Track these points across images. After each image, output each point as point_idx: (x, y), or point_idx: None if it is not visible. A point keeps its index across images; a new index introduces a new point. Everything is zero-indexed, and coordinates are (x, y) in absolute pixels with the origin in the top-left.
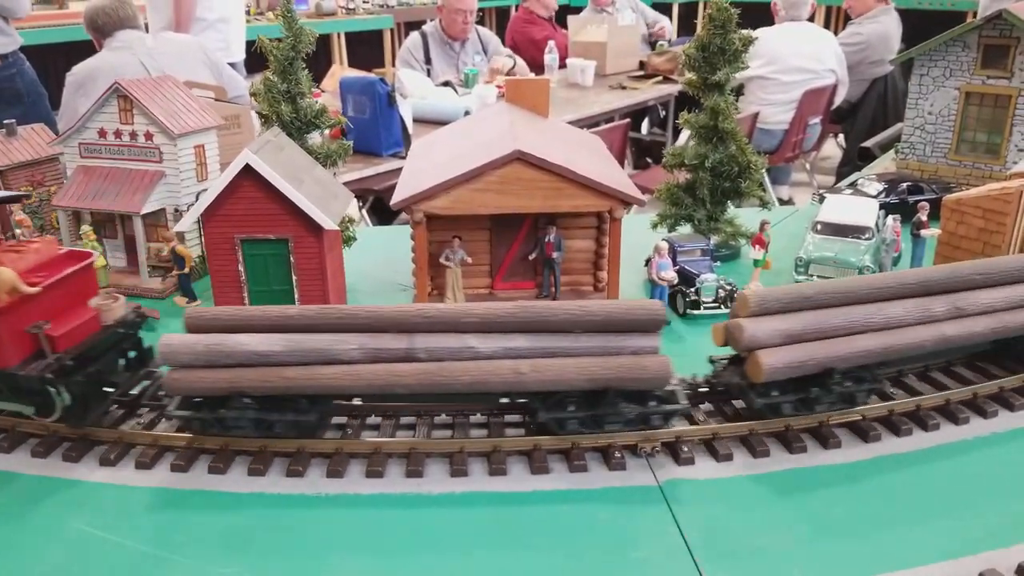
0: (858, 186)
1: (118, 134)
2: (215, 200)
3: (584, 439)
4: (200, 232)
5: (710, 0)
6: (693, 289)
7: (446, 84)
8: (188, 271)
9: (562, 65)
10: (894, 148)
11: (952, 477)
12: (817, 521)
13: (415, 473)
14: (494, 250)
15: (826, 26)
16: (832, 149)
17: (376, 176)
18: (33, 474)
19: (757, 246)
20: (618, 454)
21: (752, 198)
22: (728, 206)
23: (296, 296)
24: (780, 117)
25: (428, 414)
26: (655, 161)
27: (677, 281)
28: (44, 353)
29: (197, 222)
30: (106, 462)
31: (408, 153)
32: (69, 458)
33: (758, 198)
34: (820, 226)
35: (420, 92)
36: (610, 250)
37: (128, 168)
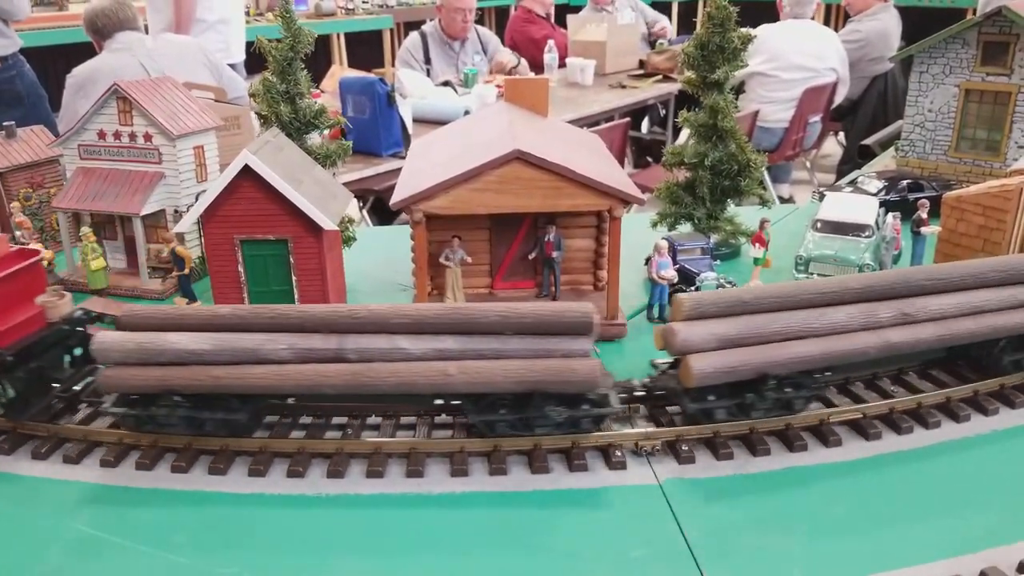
0: (858, 184)
1: (117, 135)
2: (214, 201)
3: (585, 439)
4: (200, 233)
5: None
6: (693, 288)
7: (446, 84)
8: (188, 272)
9: (562, 64)
10: (894, 146)
11: (953, 475)
12: (818, 520)
13: (415, 473)
14: (494, 250)
15: (825, 24)
16: (833, 147)
17: (376, 176)
18: (34, 475)
19: (757, 244)
20: (618, 453)
21: (752, 196)
22: (728, 204)
23: (296, 296)
24: (780, 115)
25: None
26: (655, 160)
27: (677, 280)
28: None
29: (197, 223)
30: (106, 463)
31: (407, 153)
32: (69, 460)
33: (758, 196)
34: (820, 224)
35: (420, 92)
36: (610, 249)
37: (128, 169)
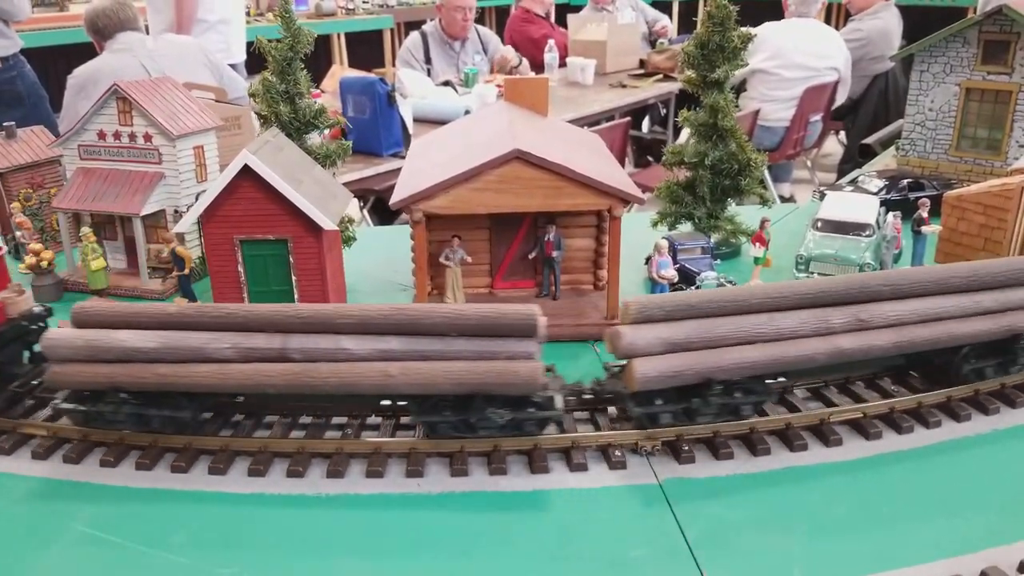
0: (859, 183)
1: (117, 136)
2: (214, 201)
3: (584, 438)
4: (200, 233)
5: None
6: (693, 287)
7: (446, 84)
8: (188, 272)
9: (562, 64)
10: (895, 145)
11: (954, 474)
12: (818, 519)
13: (415, 473)
14: (494, 249)
15: (826, 23)
16: (834, 146)
17: (376, 176)
18: (35, 475)
19: (757, 244)
20: (618, 453)
21: (752, 195)
22: (729, 204)
23: (296, 296)
24: (781, 114)
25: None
26: (656, 159)
27: (677, 279)
28: None
29: (196, 223)
30: (106, 463)
31: (407, 153)
32: (69, 460)
33: (758, 195)
34: (820, 223)
35: (420, 92)
36: (610, 249)
37: (128, 170)
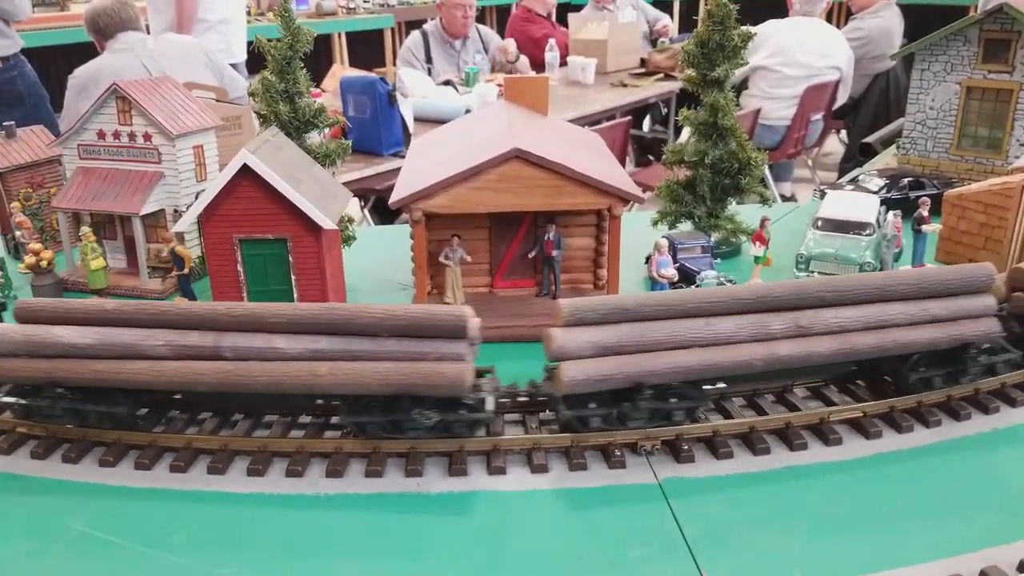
0: (859, 182)
1: (117, 135)
2: (213, 200)
3: (583, 439)
4: (199, 232)
5: None
6: (693, 286)
7: (447, 83)
8: (188, 272)
9: (563, 63)
10: (896, 143)
11: (953, 474)
12: (817, 519)
13: (414, 472)
14: (494, 249)
15: (827, 21)
16: (835, 145)
17: (377, 176)
18: (35, 475)
19: (757, 243)
20: (618, 452)
21: (753, 194)
22: (730, 203)
23: (295, 296)
24: (782, 113)
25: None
26: (657, 158)
27: (677, 278)
28: None
29: (196, 222)
30: (105, 463)
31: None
32: (68, 460)
33: (758, 194)
34: (821, 222)
35: (421, 91)
36: (610, 248)
37: (127, 169)
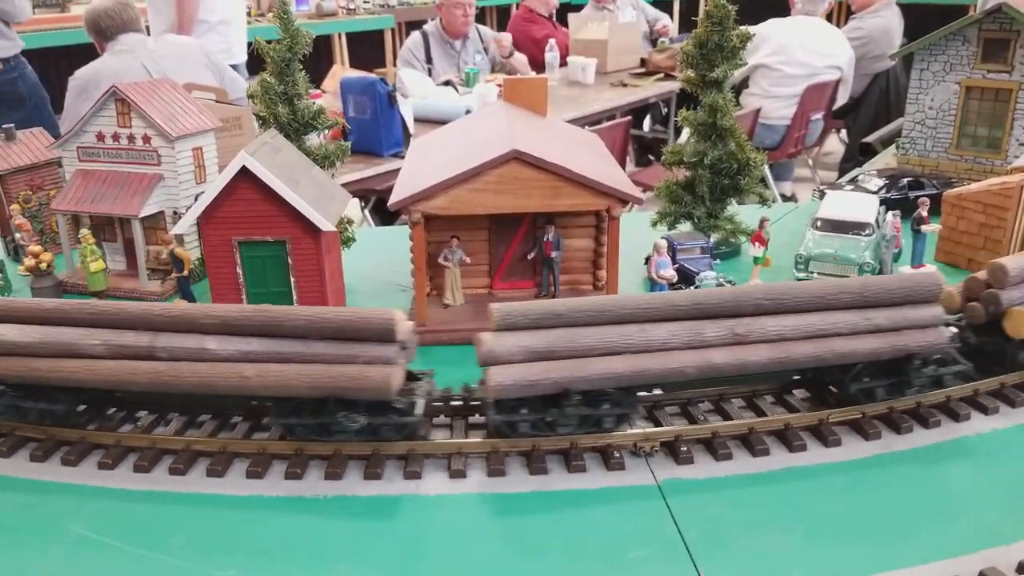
0: (859, 182)
1: (116, 137)
2: (212, 202)
3: (583, 439)
4: (199, 235)
5: None
6: (693, 287)
7: (447, 83)
8: (187, 274)
9: (563, 63)
10: (895, 143)
11: (952, 474)
12: (817, 520)
13: (413, 475)
14: (493, 250)
15: (827, 20)
16: (835, 145)
17: (377, 176)
18: (34, 478)
19: (757, 243)
20: (617, 454)
21: (752, 195)
22: (730, 203)
23: (295, 298)
24: (782, 112)
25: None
26: (657, 158)
27: (677, 279)
28: None
29: (195, 224)
30: (104, 466)
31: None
32: (67, 462)
33: (758, 195)
34: (820, 223)
35: (421, 92)
36: (609, 249)
37: (126, 171)
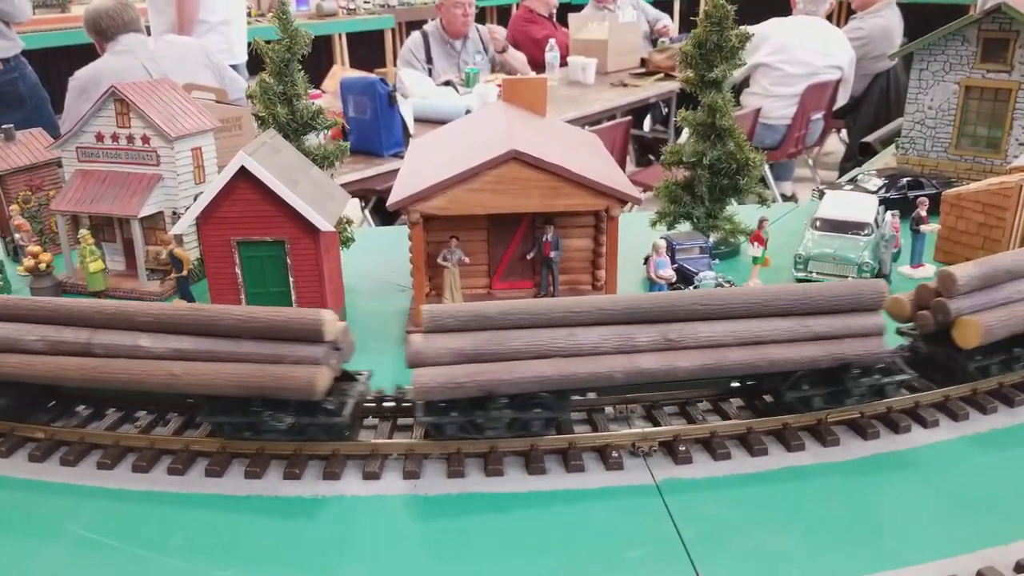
0: (858, 182)
1: (115, 138)
2: (211, 203)
3: (581, 439)
4: (198, 235)
5: None
6: (692, 287)
7: (447, 83)
8: (186, 274)
9: (563, 63)
10: (895, 143)
11: (951, 474)
12: (815, 520)
13: (412, 475)
14: (492, 250)
15: (827, 19)
16: (835, 144)
17: (377, 176)
18: (33, 478)
19: (756, 243)
20: (615, 454)
21: (751, 195)
22: (730, 203)
23: (293, 298)
24: (782, 112)
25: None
26: (657, 158)
27: (676, 279)
28: None
29: (194, 225)
30: (103, 466)
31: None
32: (66, 462)
33: (757, 195)
34: (819, 222)
35: (421, 92)
36: (608, 249)
37: (126, 171)
